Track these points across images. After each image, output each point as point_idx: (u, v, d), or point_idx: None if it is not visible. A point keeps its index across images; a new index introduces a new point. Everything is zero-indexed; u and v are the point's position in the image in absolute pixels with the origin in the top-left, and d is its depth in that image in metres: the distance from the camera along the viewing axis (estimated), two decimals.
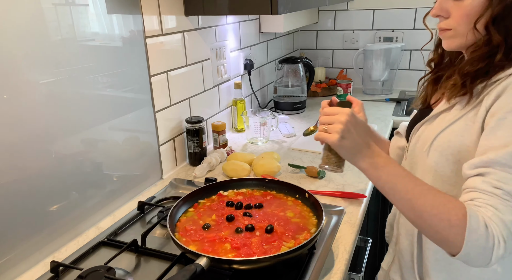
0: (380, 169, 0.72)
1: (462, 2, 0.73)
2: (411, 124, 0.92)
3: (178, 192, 1.25)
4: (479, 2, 0.71)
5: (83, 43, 1.00)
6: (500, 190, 0.63)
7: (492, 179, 0.64)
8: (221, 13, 1.32)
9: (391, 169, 0.72)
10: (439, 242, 0.67)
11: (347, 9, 2.42)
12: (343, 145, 0.73)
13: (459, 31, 0.75)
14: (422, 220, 0.68)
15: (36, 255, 0.93)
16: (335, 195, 1.18)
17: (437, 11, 0.77)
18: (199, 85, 1.52)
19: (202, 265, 0.76)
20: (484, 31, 0.72)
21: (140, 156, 1.25)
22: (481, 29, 0.72)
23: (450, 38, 0.78)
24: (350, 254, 0.94)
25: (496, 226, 0.62)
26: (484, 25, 0.71)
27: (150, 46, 1.21)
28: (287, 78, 2.06)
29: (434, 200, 0.66)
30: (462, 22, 0.73)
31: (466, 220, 0.62)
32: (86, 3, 0.99)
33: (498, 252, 0.62)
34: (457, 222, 0.63)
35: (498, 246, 0.61)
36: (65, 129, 0.97)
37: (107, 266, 0.85)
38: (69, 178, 0.99)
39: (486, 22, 0.71)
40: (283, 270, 0.87)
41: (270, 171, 1.30)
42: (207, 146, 1.46)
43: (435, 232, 0.66)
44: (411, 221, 0.71)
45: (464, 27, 0.74)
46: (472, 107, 0.73)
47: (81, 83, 1.00)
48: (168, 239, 1.00)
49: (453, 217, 0.64)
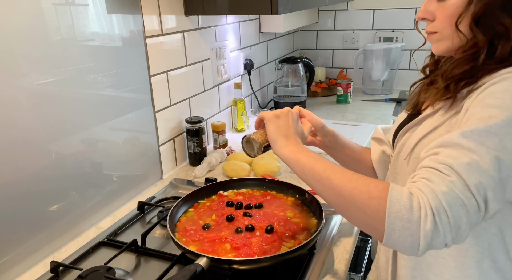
0: (301, 153, 0.73)
1: (445, 2, 0.71)
2: (397, 130, 0.87)
3: (178, 192, 1.25)
4: (461, 1, 0.68)
5: (83, 43, 1.00)
6: (443, 165, 0.57)
7: (441, 156, 0.59)
8: (221, 13, 1.32)
9: (312, 154, 0.72)
10: (363, 222, 0.61)
11: (347, 9, 2.42)
12: (275, 121, 0.79)
13: (445, 34, 0.73)
14: (342, 198, 0.63)
15: (36, 255, 0.93)
16: None
17: (422, 14, 0.76)
18: (199, 85, 1.52)
19: (202, 265, 0.76)
20: (469, 32, 0.69)
21: (140, 156, 1.25)
22: (466, 30, 0.69)
23: (437, 42, 0.75)
24: (350, 254, 0.94)
25: (423, 195, 0.55)
26: (468, 26, 0.69)
27: (150, 46, 1.21)
28: (287, 78, 2.06)
29: (353, 176, 0.63)
30: (447, 23, 0.71)
31: (387, 190, 0.57)
32: (86, 3, 0.99)
33: (426, 227, 0.54)
34: (377, 193, 0.58)
35: (425, 219, 0.54)
36: (65, 129, 0.97)
37: (107, 266, 0.85)
38: (69, 178, 0.99)
39: (469, 22, 0.68)
40: (283, 270, 0.87)
41: (270, 171, 1.30)
42: (207, 146, 1.46)
43: (356, 210, 0.61)
44: (334, 204, 0.66)
45: (449, 29, 0.71)
46: (455, 112, 0.70)
47: (81, 83, 1.00)
48: (168, 239, 1.00)
49: (373, 189, 0.59)
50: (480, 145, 0.56)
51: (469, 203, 0.54)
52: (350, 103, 2.21)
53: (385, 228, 0.56)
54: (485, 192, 0.55)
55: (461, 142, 0.58)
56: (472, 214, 0.55)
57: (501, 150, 0.56)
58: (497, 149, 0.56)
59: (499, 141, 0.56)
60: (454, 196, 0.54)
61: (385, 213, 0.56)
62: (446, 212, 0.54)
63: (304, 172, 0.70)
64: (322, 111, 2.08)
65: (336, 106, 2.17)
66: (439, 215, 0.54)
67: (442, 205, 0.54)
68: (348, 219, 0.66)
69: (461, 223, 0.55)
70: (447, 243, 0.56)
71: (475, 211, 0.55)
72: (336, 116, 1.99)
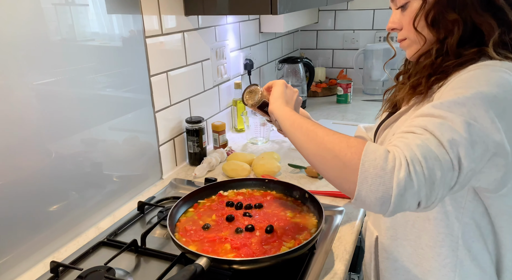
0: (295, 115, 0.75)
1: (406, 10, 0.76)
2: (377, 127, 0.91)
3: (178, 192, 1.25)
4: (417, 5, 0.73)
5: (83, 43, 1.00)
6: (417, 127, 0.59)
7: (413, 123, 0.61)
8: (221, 13, 1.31)
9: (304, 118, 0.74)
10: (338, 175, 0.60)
11: (347, 9, 2.42)
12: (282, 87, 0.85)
13: (412, 39, 0.77)
14: (322, 147, 0.63)
15: (36, 255, 0.93)
16: (335, 195, 1.18)
17: (391, 24, 0.82)
18: (199, 85, 1.51)
19: (202, 265, 0.76)
20: (428, 32, 0.74)
21: (140, 156, 1.25)
22: (425, 31, 0.74)
23: (408, 47, 0.80)
24: (350, 254, 0.94)
25: (398, 149, 0.56)
26: (425, 27, 0.74)
27: (150, 46, 1.21)
28: (287, 78, 2.06)
29: (337, 132, 0.65)
30: (411, 29, 0.76)
31: (364, 143, 0.58)
32: (86, 3, 0.99)
33: (399, 175, 0.53)
34: (355, 143, 0.59)
35: (399, 168, 0.54)
36: (65, 129, 0.97)
37: (107, 266, 0.85)
38: (69, 178, 0.99)
39: (425, 23, 0.73)
40: (283, 270, 0.87)
41: (270, 171, 1.30)
42: (207, 146, 1.46)
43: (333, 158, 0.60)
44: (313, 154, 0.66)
45: (414, 33, 0.76)
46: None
47: (81, 83, 1.00)
48: (168, 239, 1.00)
49: (352, 140, 0.60)
50: (450, 112, 0.58)
51: (443, 158, 0.55)
52: (350, 103, 2.21)
53: (358, 177, 0.56)
54: (457, 148, 0.56)
55: (431, 111, 0.60)
56: (446, 170, 0.55)
57: (470, 117, 0.58)
58: (465, 116, 0.58)
59: (467, 111, 0.58)
60: (429, 150, 0.55)
61: (359, 160, 0.56)
62: (421, 163, 0.54)
63: (293, 126, 0.73)
64: (322, 111, 2.08)
65: (336, 106, 2.17)
66: (413, 164, 0.54)
67: (417, 156, 0.54)
68: (324, 172, 0.65)
69: (436, 177, 0.55)
70: (421, 200, 0.55)
71: (448, 168, 0.55)
72: (336, 116, 1.99)
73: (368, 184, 0.55)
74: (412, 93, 0.77)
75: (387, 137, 0.82)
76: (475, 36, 0.70)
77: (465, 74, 0.66)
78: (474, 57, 0.69)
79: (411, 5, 0.75)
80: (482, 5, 0.68)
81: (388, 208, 0.55)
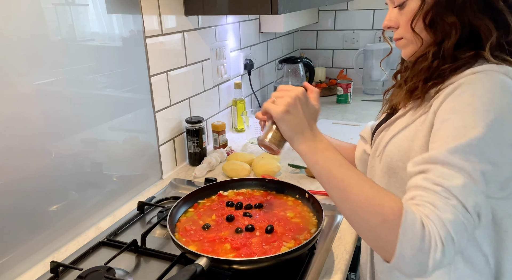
0: (319, 153, 0.69)
1: (404, 9, 0.74)
2: (375, 129, 0.90)
3: (178, 192, 1.25)
4: (416, 5, 0.71)
5: (83, 43, 1.00)
6: (440, 187, 0.58)
7: (433, 175, 0.60)
8: (221, 13, 1.31)
9: (330, 154, 0.69)
10: (373, 241, 0.63)
11: (347, 9, 2.42)
12: (287, 120, 0.71)
13: (409, 38, 0.75)
14: (355, 213, 0.63)
15: (36, 255, 0.93)
16: None
17: (387, 22, 0.79)
18: (199, 85, 1.51)
19: (202, 265, 0.76)
20: (426, 34, 0.72)
21: (140, 156, 1.25)
22: (422, 32, 0.72)
23: (404, 47, 0.78)
24: (350, 254, 0.94)
25: (433, 225, 0.56)
26: (422, 27, 0.72)
27: (150, 46, 1.21)
28: (287, 78, 2.06)
29: (370, 192, 0.62)
30: (408, 28, 0.74)
31: (402, 216, 0.57)
32: (86, 3, 0.99)
33: (436, 256, 0.56)
34: (392, 217, 0.58)
35: (435, 249, 0.56)
36: (65, 129, 0.97)
37: (107, 266, 0.85)
38: (69, 178, 0.99)
39: (423, 24, 0.71)
40: (283, 270, 0.87)
41: (270, 171, 1.30)
42: (207, 146, 1.46)
43: (368, 228, 0.62)
44: (346, 215, 0.66)
45: (411, 33, 0.74)
46: (424, 111, 0.72)
47: (81, 83, 1.00)
48: (168, 239, 1.00)
49: (387, 211, 0.59)
50: (466, 161, 0.59)
51: (468, 222, 0.58)
52: (350, 103, 2.21)
53: (395, 252, 0.58)
54: (479, 210, 0.59)
55: (448, 159, 0.60)
56: (471, 230, 0.59)
57: (484, 162, 0.59)
58: (481, 162, 0.59)
59: (480, 153, 0.60)
60: (459, 223, 0.57)
61: (397, 238, 0.57)
62: (453, 239, 0.57)
63: (321, 176, 0.69)
64: (322, 111, 2.07)
65: (336, 106, 2.17)
66: (447, 244, 0.56)
67: (450, 234, 0.56)
68: (358, 233, 0.67)
69: (464, 243, 0.59)
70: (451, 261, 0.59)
71: (472, 227, 0.59)
72: (336, 116, 1.99)
73: (405, 261, 0.58)
74: (409, 98, 0.76)
75: (383, 139, 0.81)
76: (472, 39, 0.68)
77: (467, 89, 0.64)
78: (471, 60, 0.68)
79: (409, 5, 0.73)
80: (481, 8, 0.67)
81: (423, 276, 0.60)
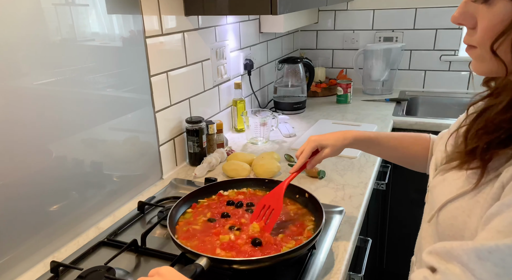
0: None
1: (492, 7, 0.49)
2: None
3: (178, 192, 1.25)
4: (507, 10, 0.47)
5: (83, 43, 1.00)
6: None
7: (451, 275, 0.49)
8: (221, 13, 1.31)
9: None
10: None
11: (347, 9, 2.42)
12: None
13: (485, 53, 0.51)
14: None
15: (36, 255, 0.93)
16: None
17: (459, 16, 0.54)
18: (199, 85, 1.52)
19: (202, 265, 0.76)
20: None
21: (140, 156, 1.25)
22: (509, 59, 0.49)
23: (477, 60, 0.54)
24: (350, 254, 0.94)
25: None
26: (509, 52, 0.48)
27: (150, 46, 1.21)
28: (287, 78, 2.06)
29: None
30: (487, 38, 0.50)
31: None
32: (86, 3, 0.99)
33: None
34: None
35: None
36: (65, 129, 0.97)
37: (107, 266, 0.85)
38: (69, 178, 0.99)
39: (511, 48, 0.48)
40: (283, 270, 0.87)
41: (270, 171, 1.30)
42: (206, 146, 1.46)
43: None
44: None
45: (489, 53, 0.50)
46: (488, 179, 0.54)
47: (81, 83, 1.00)
48: (168, 239, 1.00)
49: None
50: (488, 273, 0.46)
51: None
52: (350, 103, 2.21)
53: None
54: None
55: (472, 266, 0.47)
56: None
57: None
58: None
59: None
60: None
61: None
62: None
63: None
64: (322, 111, 2.08)
65: (336, 106, 2.17)
66: None
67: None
68: None
69: None
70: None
71: None
72: (336, 116, 1.99)
73: None
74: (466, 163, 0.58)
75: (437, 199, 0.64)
76: None
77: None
78: None
79: (498, 5, 0.48)
80: None
81: None
